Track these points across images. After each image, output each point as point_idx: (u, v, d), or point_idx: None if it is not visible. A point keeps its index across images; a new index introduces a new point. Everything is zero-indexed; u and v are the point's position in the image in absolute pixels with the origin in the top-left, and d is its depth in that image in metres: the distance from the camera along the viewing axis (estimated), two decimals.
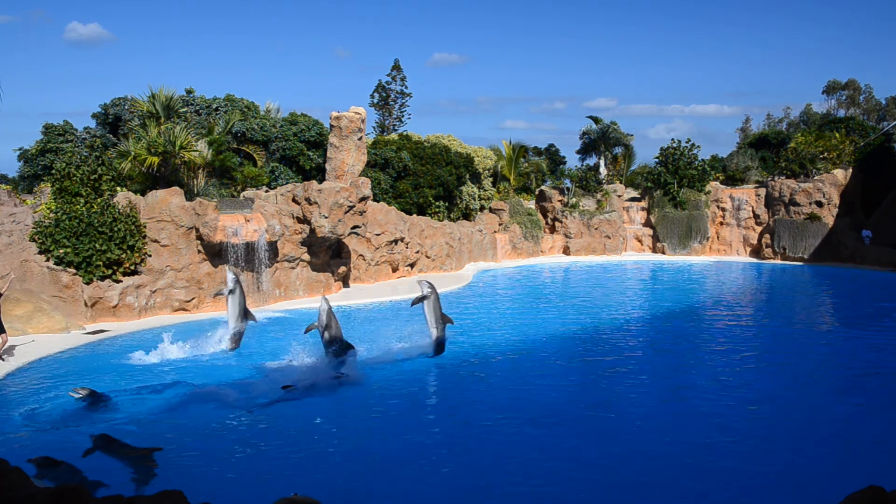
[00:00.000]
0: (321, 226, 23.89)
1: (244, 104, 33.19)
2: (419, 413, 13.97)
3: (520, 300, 26.95)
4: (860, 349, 19.37)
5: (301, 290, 24.53)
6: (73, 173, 21.34)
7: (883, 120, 57.19)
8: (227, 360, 16.98)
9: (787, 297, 29.14)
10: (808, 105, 62.80)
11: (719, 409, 14.13)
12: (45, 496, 5.13)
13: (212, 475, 10.67)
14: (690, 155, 39.87)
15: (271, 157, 30.95)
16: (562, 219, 38.25)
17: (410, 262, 30.12)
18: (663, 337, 20.96)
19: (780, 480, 10.83)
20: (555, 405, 14.23)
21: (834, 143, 39.02)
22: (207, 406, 13.65)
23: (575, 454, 11.79)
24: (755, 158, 42.96)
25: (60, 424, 12.53)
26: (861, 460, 11.66)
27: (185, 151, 24.97)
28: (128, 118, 30.34)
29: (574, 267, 35.36)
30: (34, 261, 19.58)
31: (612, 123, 44.58)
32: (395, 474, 10.96)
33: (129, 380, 15.10)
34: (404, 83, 50.41)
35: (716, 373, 16.85)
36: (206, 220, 21.51)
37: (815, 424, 13.42)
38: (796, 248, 36.38)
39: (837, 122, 46.51)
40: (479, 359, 17.70)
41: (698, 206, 38.73)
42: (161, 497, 5.25)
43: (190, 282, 21.76)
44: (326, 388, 14.74)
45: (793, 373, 16.97)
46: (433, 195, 32.98)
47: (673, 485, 10.72)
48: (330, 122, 26.94)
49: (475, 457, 11.59)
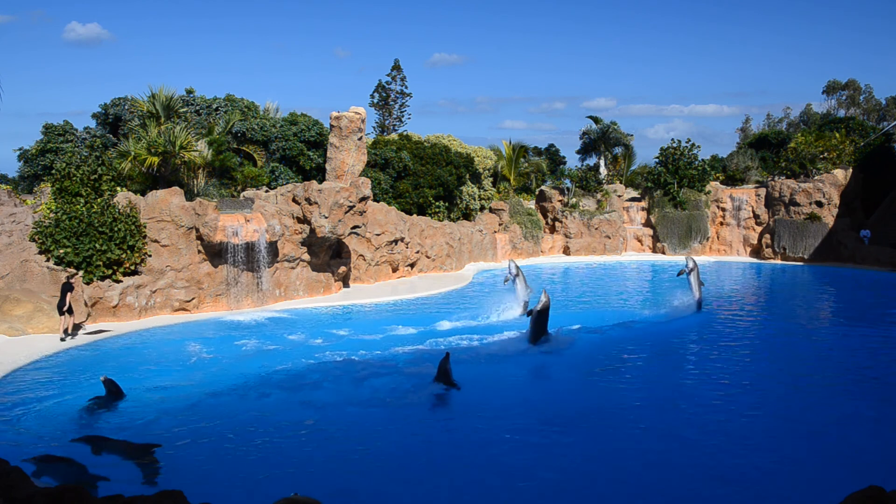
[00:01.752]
0: (321, 226, 23.88)
1: (244, 104, 33.21)
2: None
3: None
4: (860, 349, 19.36)
5: (301, 290, 24.52)
6: (73, 173, 21.34)
7: (883, 120, 57.21)
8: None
9: (788, 297, 29.14)
10: (808, 105, 62.99)
11: (719, 409, 14.12)
12: (45, 496, 5.13)
13: (213, 475, 10.68)
14: (690, 155, 39.87)
15: (271, 157, 30.94)
16: (562, 219, 38.25)
17: (410, 262, 30.12)
18: (663, 337, 20.94)
19: (780, 480, 10.82)
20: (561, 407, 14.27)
21: (834, 143, 39.02)
22: (219, 404, 13.68)
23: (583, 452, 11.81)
24: (755, 158, 42.97)
25: (60, 424, 12.54)
26: (861, 460, 11.65)
27: (185, 151, 24.97)
28: (128, 118, 30.35)
29: (574, 267, 35.35)
30: (34, 261, 19.56)
31: (612, 123, 44.60)
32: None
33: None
34: (404, 83, 50.45)
35: (716, 373, 16.83)
36: (206, 220, 21.51)
37: (815, 424, 13.42)
38: (796, 248, 36.38)
39: (837, 122, 46.53)
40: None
41: (698, 206, 38.73)
42: (161, 497, 5.25)
43: (190, 282, 21.75)
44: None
45: (793, 373, 16.96)
46: (433, 195, 32.97)
47: (672, 485, 10.71)
48: (330, 122, 26.93)
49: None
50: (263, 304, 23.07)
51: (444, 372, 14.90)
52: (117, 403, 13.58)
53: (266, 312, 22.24)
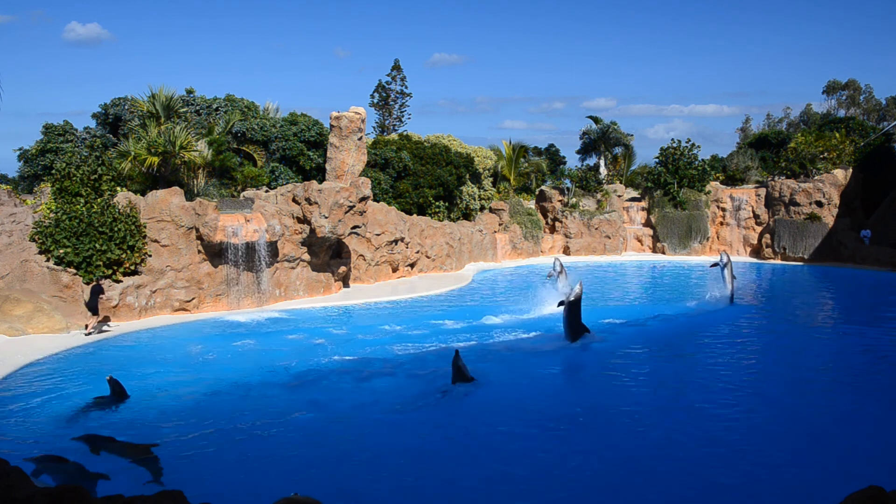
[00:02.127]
0: (321, 226, 23.88)
1: (244, 104, 33.20)
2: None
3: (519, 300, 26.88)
4: (860, 349, 19.36)
5: (301, 290, 24.52)
6: (73, 173, 21.34)
7: (883, 120, 57.22)
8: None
9: (788, 296, 29.13)
10: (808, 105, 62.99)
11: (719, 409, 14.12)
12: (45, 496, 5.12)
13: (213, 475, 10.67)
14: (690, 155, 39.87)
15: (271, 157, 30.95)
16: (562, 219, 38.25)
17: (410, 262, 30.12)
18: (663, 336, 20.94)
19: (780, 480, 10.82)
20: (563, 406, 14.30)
21: (834, 143, 39.01)
22: (219, 404, 13.68)
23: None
24: (755, 158, 42.96)
25: (61, 423, 12.54)
26: (861, 460, 11.65)
27: (185, 151, 24.96)
28: (128, 118, 30.35)
29: (575, 267, 35.27)
30: (34, 261, 19.56)
31: (612, 123, 44.60)
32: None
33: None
34: (404, 83, 50.46)
35: (716, 373, 16.83)
36: (206, 220, 21.51)
37: (815, 424, 13.42)
38: (796, 248, 36.38)
39: (837, 122, 46.51)
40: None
41: (698, 206, 38.73)
42: (161, 497, 5.24)
43: (190, 282, 21.76)
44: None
45: (792, 372, 16.95)
46: (433, 195, 32.97)
47: (671, 485, 10.71)
48: (330, 122, 26.93)
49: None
50: (263, 304, 23.07)
51: (458, 369, 14.88)
52: (120, 404, 13.58)
53: (266, 312, 22.24)
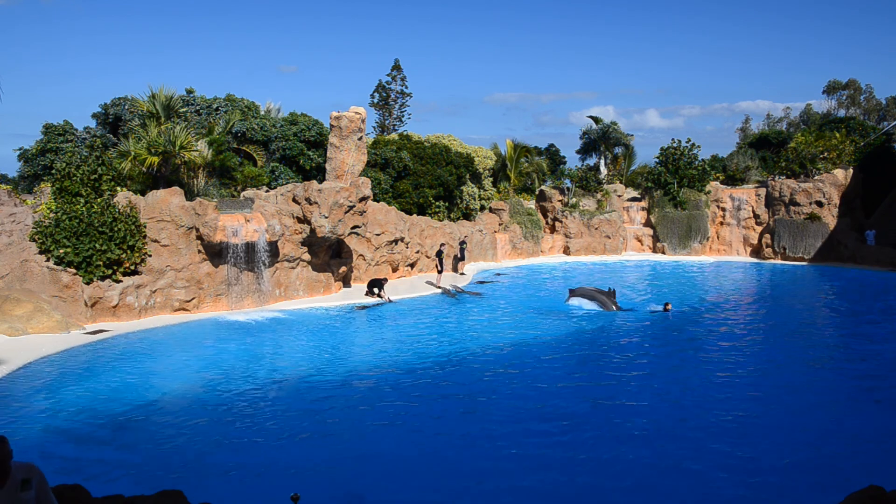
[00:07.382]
0: (321, 226, 23.88)
1: (244, 104, 33.18)
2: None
3: (520, 299, 26.90)
4: (860, 349, 19.36)
5: (301, 289, 24.52)
6: (74, 173, 21.34)
7: (883, 120, 57.22)
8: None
9: (788, 297, 29.10)
10: (808, 105, 62.91)
11: (719, 409, 14.12)
12: None
13: (213, 475, 10.67)
14: (690, 155, 39.87)
15: (271, 157, 30.94)
16: (562, 219, 38.25)
17: (410, 261, 30.12)
18: (664, 336, 20.95)
19: (780, 480, 10.82)
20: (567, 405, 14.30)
21: (834, 143, 39.00)
22: (220, 403, 13.67)
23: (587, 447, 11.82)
24: (755, 158, 42.95)
25: (61, 424, 12.53)
26: (861, 460, 11.65)
27: (185, 151, 24.96)
28: (128, 118, 30.32)
29: (575, 267, 35.31)
30: (34, 261, 19.57)
31: (612, 123, 44.59)
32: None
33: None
34: (404, 83, 50.46)
35: (716, 373, 16.83)
36: (206, 220, 21.51)
37: (814, 424, 13.41)
38: (796, 247, 36.37)
39: (838, 122, 46.50)
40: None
41: (698, 206, 38.72)
42: (161, 497, 5.25)
43: (190, 282, 21.76)
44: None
45: (792, 372, 16.96)
46: (433, 195, 32.96)
47: (670, 485, 10.70)
48: (330, 122, 26.92)
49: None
50: (263, 303, 23.08)
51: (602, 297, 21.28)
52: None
53: (266, 312, 22.25)
